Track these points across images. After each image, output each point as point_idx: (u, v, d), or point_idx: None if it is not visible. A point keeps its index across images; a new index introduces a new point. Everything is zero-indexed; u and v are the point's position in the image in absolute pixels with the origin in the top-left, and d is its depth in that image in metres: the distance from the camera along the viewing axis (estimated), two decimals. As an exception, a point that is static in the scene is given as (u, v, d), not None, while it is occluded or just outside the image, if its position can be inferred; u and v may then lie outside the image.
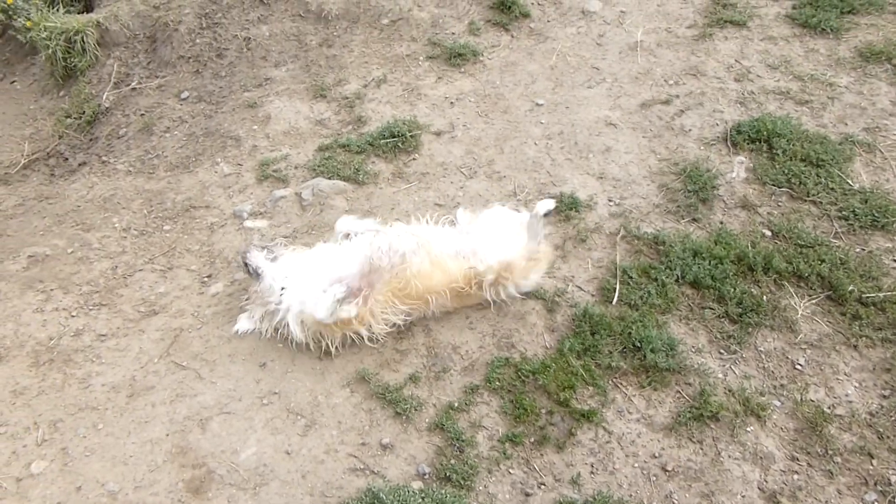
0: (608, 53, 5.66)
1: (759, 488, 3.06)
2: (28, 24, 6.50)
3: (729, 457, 3.17)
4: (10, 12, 6.71)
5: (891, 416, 3.25)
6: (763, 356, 3.56)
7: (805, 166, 4.47)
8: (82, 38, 6.28)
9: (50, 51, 6.32)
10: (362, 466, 3.24)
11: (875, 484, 3.04)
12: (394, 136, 4.99)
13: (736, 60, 5.44)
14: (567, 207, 4.40)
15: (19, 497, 3.16)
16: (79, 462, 3.29)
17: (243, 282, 4.14)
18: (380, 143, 4.96)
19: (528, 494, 3.09)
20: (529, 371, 3.50)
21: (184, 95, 5.81)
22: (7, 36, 7.42)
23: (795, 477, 3.09)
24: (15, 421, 3.48)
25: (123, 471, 3.25)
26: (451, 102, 5.37)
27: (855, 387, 3.38)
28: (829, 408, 3.31)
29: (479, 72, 5.64)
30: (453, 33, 5.94)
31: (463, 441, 3.28)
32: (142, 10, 6.42)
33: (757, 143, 4.69)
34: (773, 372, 3.49)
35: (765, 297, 3.77)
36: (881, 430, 3.20)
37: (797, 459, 3.15)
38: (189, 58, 6.07)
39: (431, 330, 3.79)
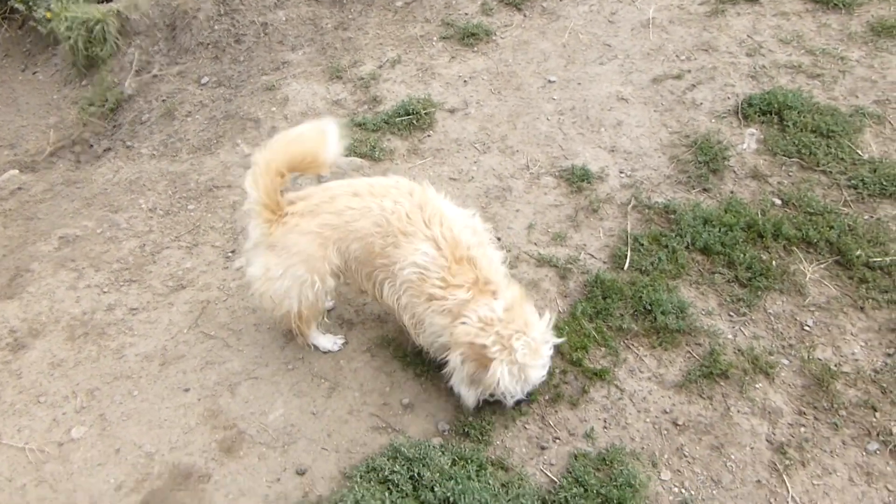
0: (620, 31, 5.73)
1: (767, 440, 3.17)
2: (48, 14, 6.67)
3: (738, 412, 3.28)
4: (31, 3, 6.87)
5: (894, 373, 3.34)
6: (772, 318, 3.66)
7: (816, 137, 4.54)
8: (103, 27, 6.44)
9: (71, 41, 6.48)
10: (384, 425, 3.38)
11: (878, 434, 3.14)
12: (408, 114, 5.11)
13: (748, 36, 5.49)
14: (579, 179, 4.51)
15: (62, 460, 3.34)
16: (116, 427, 3.46)
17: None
18: (395, 121, 5.09)
19: (543, 448, 3.22)
20: (544, 335, 3.62)
21: (204, 81, 5.96)
22: (27, 27, 7.60)
23: (802, 430, 3.19)
24: (54, 391, 3.66)
25: (159, 433, 3.42)
26: (465, 81, 5.47)
27: (861, 346, 3.48)
28: (835, 366, 3.41)
29: (491, 51, 5.73)
30: (466, 14, 6.04)
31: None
32: (161, -2, 6.58)
33: (768, 115, 4.76)
34: (781, 333, 3.59)
35: (774, 263, 3.86)
36: (885, 385, 3.30)
37: (804, 413, 3.25)
38: (208, 44, 6.22)
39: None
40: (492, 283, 3.08)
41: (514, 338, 2.95)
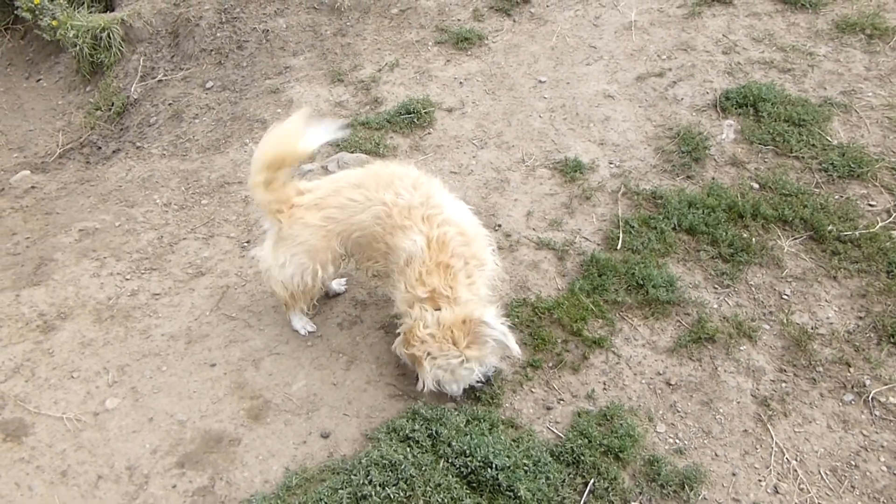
0: (604, 33, 6.08)
1: (751, 395, 3.48)
2: (54, 23, 6.89)
3: (725, 371, 3.59)
4: (37, 12, 7.09)
5: (866, 333, 3.68)
6: (753, 289, 3.98)
7: (788, 126, 4.90)
8: (108, 34, 6.69)
9: (77, 48, 6.72)
10: (401, 393, 3.65)
11: (852, 387, 3.47)
12: (409, 113, 5.41)
13: (723, 35, 5.87)
14: (572, 170, 4.82)
15: (98, 428, 3.56)
16: (148, 398, 3.70)
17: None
18: (397, 120, 5.38)
19: (549, 408, 3.50)
20: (545, 308, 3.91)
21: (208, 85, 6.21)
22: (30, 37, 7.81)
23: (783, 385, 3.51)
24: (86, 367, 3.88)
25: (189, 404, 3.65)
26: (460, 82, 5.79)
27: (835, 311, 3.81)
28: (812, 328, 3.74)
29: (484, 54, 6.06)
30: (459, 20, 6.37)
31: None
32: (163, 7, 6.84)
33: (744, 107, 5.12)
34: (762, 301, 3.91)
35: (754, 240, 4.20)
36: (857, 344, 3.63)
37: (785, 371, 3.57)
38: (211, 50, 6.48)
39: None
40: (448, 298, 3.25)
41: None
